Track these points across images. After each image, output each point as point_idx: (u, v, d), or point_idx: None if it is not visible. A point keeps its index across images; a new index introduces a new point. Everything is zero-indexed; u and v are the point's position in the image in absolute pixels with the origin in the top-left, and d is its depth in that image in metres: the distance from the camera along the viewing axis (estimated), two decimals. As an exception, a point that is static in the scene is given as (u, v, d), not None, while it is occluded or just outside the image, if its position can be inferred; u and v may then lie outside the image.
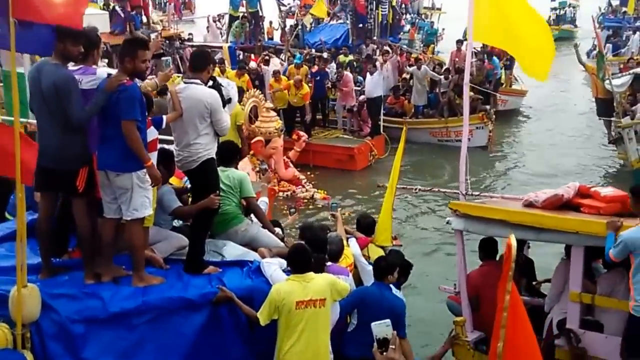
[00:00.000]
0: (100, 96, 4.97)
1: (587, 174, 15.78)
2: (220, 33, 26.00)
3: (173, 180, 6.66)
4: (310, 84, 16.49)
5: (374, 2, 21.03)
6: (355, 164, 15.84)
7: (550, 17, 41.63)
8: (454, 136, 17.39)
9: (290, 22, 24.41)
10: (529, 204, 6.34)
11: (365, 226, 7.28)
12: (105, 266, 5.32)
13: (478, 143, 17.05)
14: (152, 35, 18.44)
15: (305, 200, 13.39)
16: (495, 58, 18.90)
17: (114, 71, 5.30)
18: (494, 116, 17.14)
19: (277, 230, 6.51)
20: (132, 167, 5.07)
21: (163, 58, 18.57)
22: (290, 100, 16.03)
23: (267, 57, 18.54)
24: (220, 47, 19.93)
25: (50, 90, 4.87)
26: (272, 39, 25.03)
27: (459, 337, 6.63)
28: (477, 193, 7.20)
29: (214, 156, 5.76)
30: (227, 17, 24.70)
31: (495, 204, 6.77)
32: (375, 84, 16.55)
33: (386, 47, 19.85)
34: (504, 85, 20.48)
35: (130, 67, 5.12)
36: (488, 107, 17.15)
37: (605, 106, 15.95)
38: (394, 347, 2.88)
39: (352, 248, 6.77)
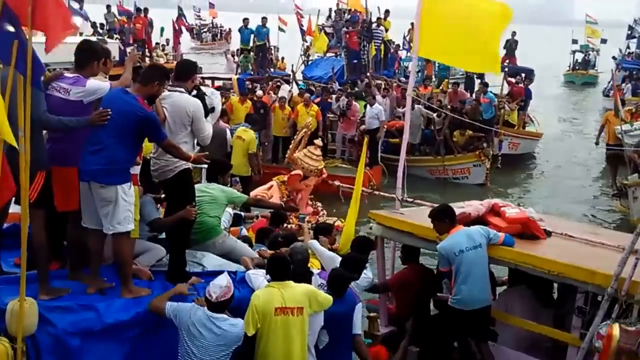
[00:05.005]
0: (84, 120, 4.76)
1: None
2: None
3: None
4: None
5: (367, 38, 20.39)
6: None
7: (575, 60, 41.29)
8: (451, 174, 16.72)
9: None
10: None
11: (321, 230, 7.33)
12: (91, 278, 5.13)
13: (476, 181, 16.42)
14: (129, 49, 18.57)
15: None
16: (490, 92, 17.87)
17: (103, 83, 5.11)
18: (491, 153, 16.32)
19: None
20: (117, 180, 4.85)
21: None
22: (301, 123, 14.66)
23: (278, 84, 17.92)
24: (230, 78, 19.88)
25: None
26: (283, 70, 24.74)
27: (371, 331, 6.83)
28: (411, 199, 7.19)
29: (190, 167, 5.55)
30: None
31: (415, 214, 6.80)
32: (372, 117, 15.95)
33: (379, 82, 19.06)
34: (516, 127, 19.27)
35: (155, 91, 5.11)
36: (485, 145, 16.41)
37: (614, 155, 15.03)
38: None
39: (312, 246, 6.55)
